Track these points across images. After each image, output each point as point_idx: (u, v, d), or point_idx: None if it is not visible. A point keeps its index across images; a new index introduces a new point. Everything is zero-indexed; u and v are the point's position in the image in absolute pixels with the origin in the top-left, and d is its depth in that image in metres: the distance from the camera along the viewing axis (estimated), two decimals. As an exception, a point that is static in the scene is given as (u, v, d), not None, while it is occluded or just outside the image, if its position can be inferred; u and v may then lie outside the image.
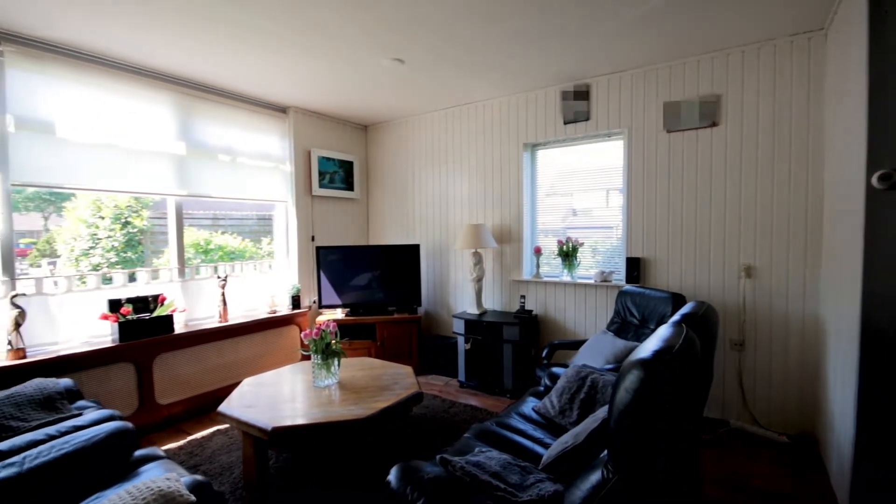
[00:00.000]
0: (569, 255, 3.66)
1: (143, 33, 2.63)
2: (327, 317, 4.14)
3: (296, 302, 4.08)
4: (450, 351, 4.06)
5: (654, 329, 2.66)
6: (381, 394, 2.47)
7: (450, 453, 1.73)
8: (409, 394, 2.48)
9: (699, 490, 2.23)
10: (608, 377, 2.21)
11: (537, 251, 3.82)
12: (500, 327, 3.57)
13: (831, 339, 2.40)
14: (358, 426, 2.14)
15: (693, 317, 1.69)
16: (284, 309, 4.05)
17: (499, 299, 4.09)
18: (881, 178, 1.71)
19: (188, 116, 3.46)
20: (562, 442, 1.69)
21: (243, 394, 2.51)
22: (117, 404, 2.83)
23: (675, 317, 1.71)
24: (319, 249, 4.17)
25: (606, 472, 1.15)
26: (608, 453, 1.18)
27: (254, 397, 2.46)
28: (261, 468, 2.31)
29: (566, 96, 3.58)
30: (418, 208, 4.63)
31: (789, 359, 2.83)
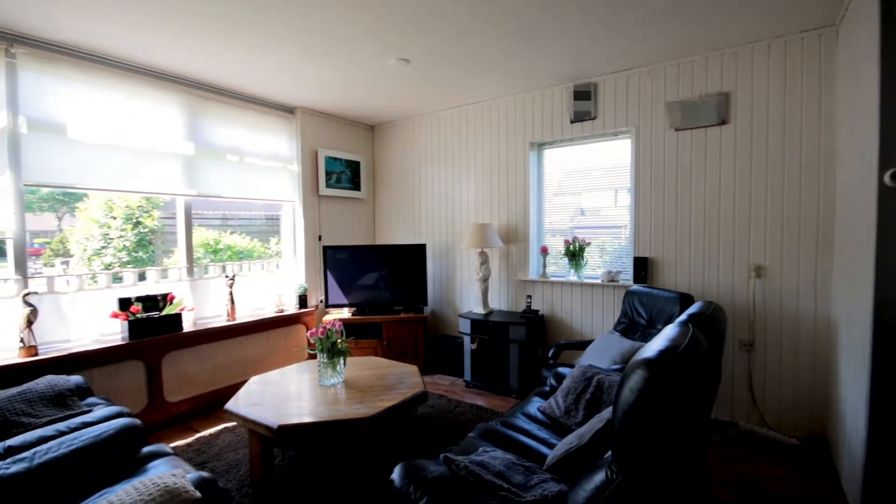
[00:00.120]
0: (575, 254, 3.64)
1: (150, 34, 2.66)
2: (334, 316, 4.16)
3: (303, 301, 4.10)
4: (456, 351, 4.05)
5: (661, 330, 2.63)
6: (387, 393, 2.47)
7: (454, 453, 1.72)
8: (414, 393, 2.48)
9: (706, 489, 2.20)
10: (614, 377, 2.20)
11: (544, 251, 3.81)
12: (507, 327, 3.56)
13: (843, 337, 2.36)
14: (363, 425, 2.15)
15: (700, 316, 1.67)
16: (291, 308, 4.07)
17: (505, 299, 4.07)
18: (894, 177, 1.69)
19: (196, 117, 3.49)
20: (567, 442, 1.68)
21: (250, 392, 2.53)
22: (127, 401, 2.86)
23: (682, 316, 1.69)
24: (326, 249, 4.19)
25: (610, 473, 1.14)
26: (612, 454, 1.17)
27: (260, 395, 2.47)
28: (267, 466, 2.33)
29: (573, 95, 3.56)
30: (424, 208, 4.63)
31: (800, 360, 2.79)
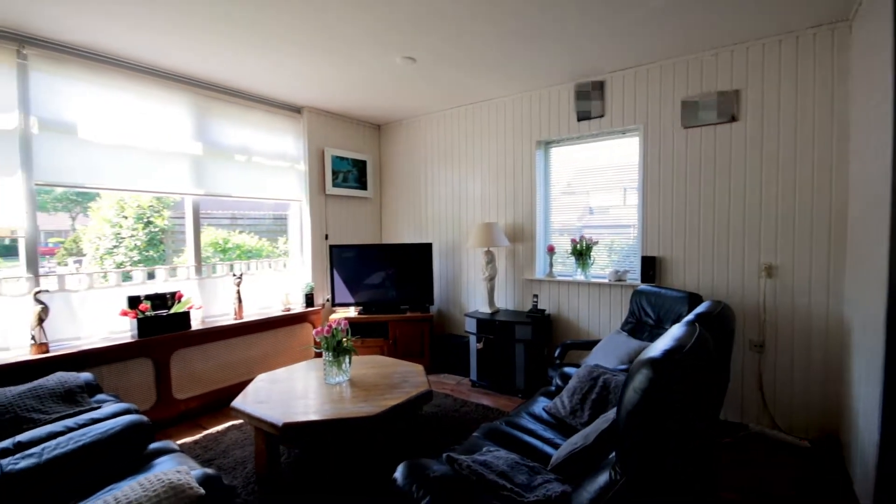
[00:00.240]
0: (582, 253, 3.61)
1: (158, 35, 2.68)
2: (340, 315, 4.17)
3: (309, 300, 4.12)
4: (462, 350, 4.04)
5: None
6: (391, 392, 2.47)
7: (458, 452, 1.72)
8: (418, 392, 2.48)
9: (714, 489, 2.17)
10: (621, 378, 2.17)
11: (550, 250, 3.78)
12: (513, 327, 3.55)
13: (856, 338, 2.31)
14: (367, 423, 2.15)
15: (707, 316, 1.65)
16: (298, 307, 4.09)
17: (511, 298, 4.06)
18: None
19: (204, 117, 3.52)
20: (571, 443, 1.67)
21: (256, 390, 2.55)
22: (136, 398, 2.89)
23: (689, 316, 1.67)
24: (333, 248, 4.20)
25: (614, 474, 1.13)
26: (616, 454, 1.15)
27: (266, 393, 2.49)
28: (272, 463, 2.34)
29: (580, 93, 3.53)
30: (431, 207, 4.63)
31: (812, 361, 2.74)
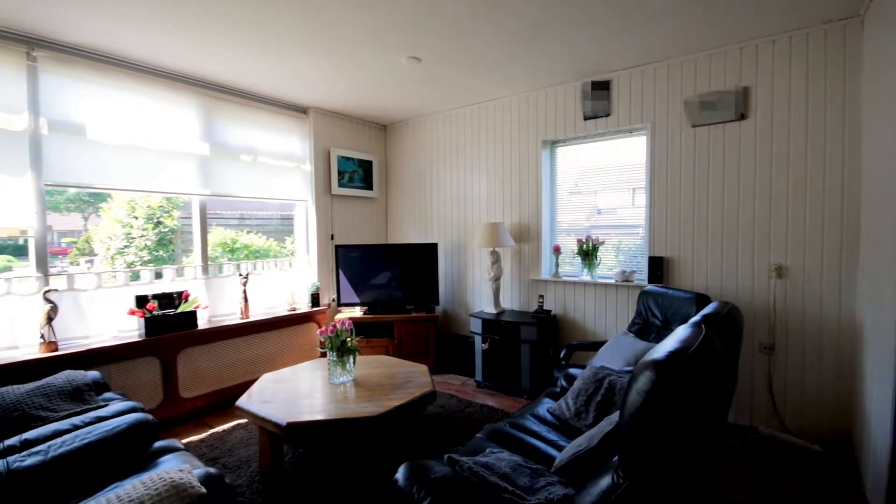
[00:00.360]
0: (588, 254, 3.58)
1: (165, 37, 2.71)
2: (345, 315, 4.18)
3: (315, 300, 4.13)
4: (467, 350, 4.03)
5: (676, 330, 2.57)
6: (395, 392, 2.46)
7: (460, 453, 1.71)
8: (422, 392, 2.47)
9: (720, 489, 2.14)
10: (626, 379, 2.15)
11: (556, 250, 3.75)
12: (518, 327, 3.52)
13: (868, 339, 2.26)
14: (370, 424, 2.14)
15: (714, 317, 1.62)
16: (304, 306, 4.10)
17: (517, 299, 4.03)
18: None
19: (211, 118, 3.54)
20: (576, 445, 1.65)
21: (261, 389, 2.56)
22: (143, 397, 2.92)
23: (696, 317, 1.64)
24: (338, 248, 4.21)
25: (617, 478, 1.11)
26: (618, 457, 1.13)
27: (271, 393, 2.49)
28: (276, 462, 2.35)
29: (586, 92, 3.50)
30: (436, 207, 4.62)
31: (823, 363, 2.69)
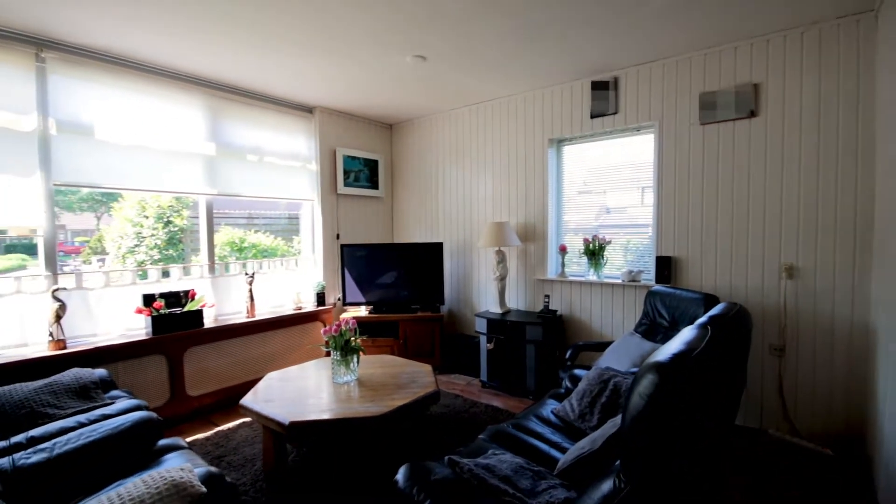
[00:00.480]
0: (595, 253, 3.54)
1: (172, 38, 2.72)
2: (351, 314, 4.18)
3: (321, 299, 4.14)
4: (472, 350, 4.01)
5: (683, 331, 2.53)
6: (399, 392, 2.46)
7: (462, 455, 1.69)
8: (426, 392, 2.46)
9: (722, 488, 2.10)
10: (632, 381, 2.12)
11: (562, 249, 3.72)
12: (524, 327, 3.50)
13: (881, 342, 2.20)
14: (373, 423, 2.14)
15: (722, 318, 1.58)
16: (310, 306, 4.12)
17: (522, 298, 4.01)
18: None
19: (218, 118, 3.56)
20: (579, 447, 1.63)
21: (265, 388, 2.56)
22: (150, 395, 2.94)
23: (702, 318, 1.61)
24: (344, 247, 4.22)
25: (618, 482, 1.09)
26: (620, 461, 1.11)
27: (275, 391, 2.50)
28: (279, 461, 2.35)
29: (593, 90, 3.46)
30: (442, 206, 4.61)
31: (835, 366, 2.63)
